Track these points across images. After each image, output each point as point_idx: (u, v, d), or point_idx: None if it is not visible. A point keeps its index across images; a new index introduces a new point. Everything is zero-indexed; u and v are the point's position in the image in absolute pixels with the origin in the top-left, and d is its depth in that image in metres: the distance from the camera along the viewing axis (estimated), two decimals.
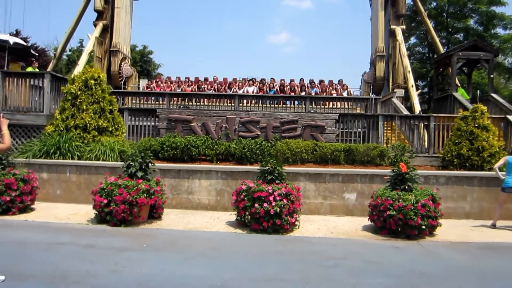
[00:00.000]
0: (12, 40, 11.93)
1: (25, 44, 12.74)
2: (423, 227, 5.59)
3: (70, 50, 28.64)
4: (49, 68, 16.39)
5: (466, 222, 7.03)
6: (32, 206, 6.95)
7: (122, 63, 16.99)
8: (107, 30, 16.65)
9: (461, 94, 12.55)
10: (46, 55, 24.28)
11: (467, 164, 8.19)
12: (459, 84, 13.90)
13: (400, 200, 5.64)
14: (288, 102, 12.51)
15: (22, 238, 5.13)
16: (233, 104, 11.84)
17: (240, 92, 13.66)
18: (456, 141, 8.50)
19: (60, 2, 50.46)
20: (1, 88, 9.33)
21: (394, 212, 5.59)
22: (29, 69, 11.60)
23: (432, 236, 5.85)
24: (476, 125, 8.38)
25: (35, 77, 9.60)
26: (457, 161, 8.33)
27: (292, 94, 13.75)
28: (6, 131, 3.76)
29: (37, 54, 16.87)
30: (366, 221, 6.39)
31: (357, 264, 4.49)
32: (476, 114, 8.49)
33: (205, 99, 12.73)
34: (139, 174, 6.25)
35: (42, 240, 5.07)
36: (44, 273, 3.86)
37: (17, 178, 6.54)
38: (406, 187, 5.95)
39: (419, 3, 16.52)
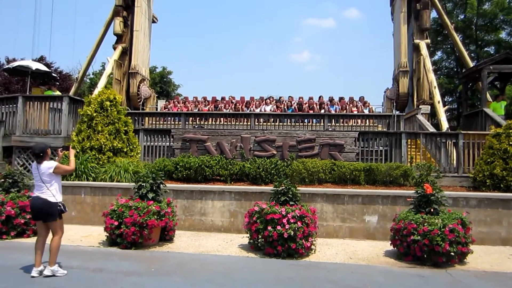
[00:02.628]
0: (35, 66, 12.59)
1: (46, 69, 13.40)
2: (452, 254, 5.28)
3: (93, 74, 30.03)
4: (71, 92, 17.14)
5: (502, 249, 6.57)
6: None
7: (141, 85, 17.55)
8: (126, 53, 17.36)
9: (493, 110, 12.09)
10: (71, 79, 25.47)
11: (501, 185, 7.77)
12: (491, 100, 13.44)
13: (426, 224, 5.38)
14: (306, 120, 12.49)
15: (33, 261, 5.19)
16: (249, 123, 11.90)
17: (257, 110, 13.74)
18: (488, 160, 8.11)
19: (85, 27, 53.40)
20: (22, 112, 9.81)
21: (419, 237, 5.33)
22: (48, 93, 12.16)
23: (463, 264, 5.52)
24: (511, 142, 7.99)
25: (54, 100, 10.03)
26: (490, 182, 7.92)
27: (311, 112, 13.70)
28: (72, 158, 5.11)
29: (58, 78, 17.70)
30: (388, 246, 6.12)
31: None
32: (511, 131, 8.11)
33: (222, 118, 12.89)
34: (150, 195, 6.29)
35: None
36: None
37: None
38: (432, 210, 5.68)
39: (445, 16, 16.32)
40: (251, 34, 68.62)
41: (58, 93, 12.61)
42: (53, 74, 14.61)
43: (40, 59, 22.66)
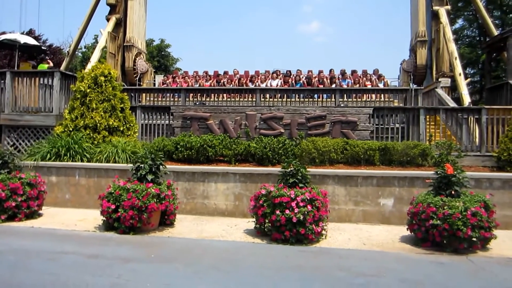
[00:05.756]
0: (23, 39, 12.37)
1: (35, 42, 13.18)
2: (474, 239, 5.18)
3: (85, 47, 29.73)
4: (62, 67, 16.98)
5: None
6: (40, 212, 7.11)
7: (137, 59, 17.35)
8: (121, 25, 17.06)
9: None
10: (61, 53, 25.26)
11: None
12: None
13: (446, 208, 5.27)
14: (315, 96, 12.29)
15: (25, 246, 5.22)
16: (254, 99, 11.74)
17: (263, 86, 13.54)
18: None
19: None
20: (11, 89, 9.67)
21: (438, 221, 5.23)
22: (43, 67, 11.97)
23: (485, 250, 5.41)
24: None
25: (44, 75, 9.87)
26: None
27: (321, 86, 13.46)
28: None
29: (48, 52, 17.50)
30: (404, 231, 6.04)
31: (392, 283, 4.18)
32: None
33: (224, 95, 12.74)
34: (149, 177, 6.24)
35: (46, 248, 5.14)
36: (42, 285, 3.90)
37: (23, 183, 6.68)
38: (453, 192, 5.56)
39: None
40: (256, 2, 67.16)
41: (49, 65, 12.45)
42: (43, 48, 14.43)
43: (29, 32, 22.37)
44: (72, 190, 7.87)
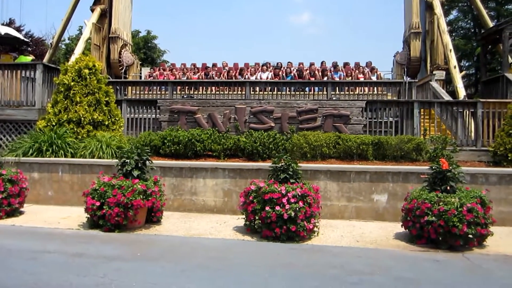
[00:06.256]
0: (3, 30, 12.10)
1: (17, 33, 12.92)
2: (470, 236, 5.19)
3: (69, 39, 29.29)
4: (45, 59, 16.71)
5: None
6: (21, 209, 7.01)
7: (122, 51, 17.21)
8: (106, 15, 16.88)
9: None
10: (44, 44, 24.85)
11: None
12: None
13: (441, 204, 5.28)
14: (307, 89, 12.33)
15: (6, 245, 5.14)
16: (244, 93, 11.71)
17: (253, 78, 13.50)
18: (511, 131, 7.96)
19: None
20: None
21: (434, 217, 5.23)
22: (24, 59, 11.74)
23: (482, 247, 5.44)
24: None
25: (26, 68, 9.73)
26: None
27: (312, 79, 13.45)
28: None
29: (30, 43, 17.21)
30: (399, 227, 6.05)
31: (387, 281, 4.18)
32: None
33: (213, 88, 12.72)
34: (135, 173, 6.17)
35: (28, 247, 5.06)
36: (23, 285, 3.84)
37: (4, 179, 6.57)
38: (448, 188, 5.57)
39: None
40: None
41: (32, 57, 12.22)
42: (25, 39, 14.17)
43: (9, 23, 21.93)
44: (55, 187, 7.77)
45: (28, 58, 11.87)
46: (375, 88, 12.40)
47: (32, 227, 6.13)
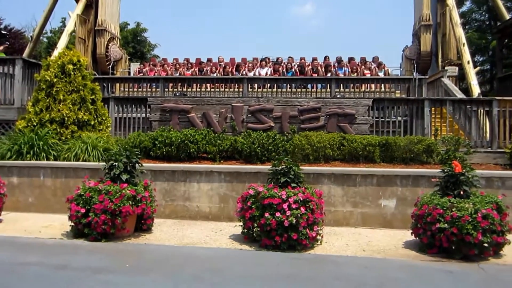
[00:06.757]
0: None
1: None
2: (485, 245, 5.20)
3: (51, 31, 29.29)
4: (25, 53, 16.70)
5: None
6: None
7: (110, 44, 17.28)
8: (91, 6, 16.95)
9: None
10: (24, 38, 24.82)
11: None
12: None
13: (454, 209, 5.29)
14: (309, 86, 12.39)
15: None
16: (241, 90, 11.76)
17: (251, 74, 13.54)
18: None
19: None
20: None
21: (446, 224, 5.24)
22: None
23: (498, 257, 5.45)
24: None
25: (4, 64, 9.73)
26: None
27: (315, 75, 13.50)
28: None
29: (8, 36, 17.21)
30: (408, 235, 6.07)
31: None
32: None
33: (208, 84, 12.79)
34: (124, 177, 6.16)
35: (5, 259, 5.03)
36: None
37: None
38: (461, 192, 5.59)
39: None
40: None
41: (2, 55, 12.20)
42: (3, 32, 14.18)
43: None
44: (36, 193, 7.74)
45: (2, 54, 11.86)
46: (383, 85, 12.48)
47: (10, 236, 6.10)
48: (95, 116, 8.82)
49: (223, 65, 15.09)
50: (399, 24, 62.21)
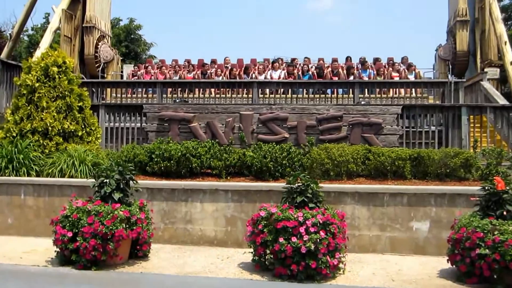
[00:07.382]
0: None
1: None
2: None
3: (33, 29, 29.77)
4: (3, 54, 16.95)
5: None
6: None
7: (100, 44, 17.47)
8: (79, 0, 17.12)
9: None
10: (2, 36, 25.27)
11: None
12: None
13: (496, 233, 5.30)
14: (329, 91, 12.44)
15: None
16: (250, 96, 11.84)
17: (261, 78, 13.62)
18: None
19: None
20: None
21: (487, 250, 5.25)
22: None
23: None
24: None
25: None
26: None
27: (335, 79, 13.56)
28: None
29: None
30: (444, 262, 6.08)
31: None
32: None
33: (212, 90, 12.88)
34: (116, 196, 6.22)
35: None
36: None
37: None
38: (505, 213, 5.60)
39: None
40: None
41: None
42: None
43: None
44: (16, 213, 7.83)
45: None
46: (413, 89, 12.50)
47: None
48: (83, 126, 8.89)
49: (230, 67, 15.19)
50: (432, 20, 62.32)
